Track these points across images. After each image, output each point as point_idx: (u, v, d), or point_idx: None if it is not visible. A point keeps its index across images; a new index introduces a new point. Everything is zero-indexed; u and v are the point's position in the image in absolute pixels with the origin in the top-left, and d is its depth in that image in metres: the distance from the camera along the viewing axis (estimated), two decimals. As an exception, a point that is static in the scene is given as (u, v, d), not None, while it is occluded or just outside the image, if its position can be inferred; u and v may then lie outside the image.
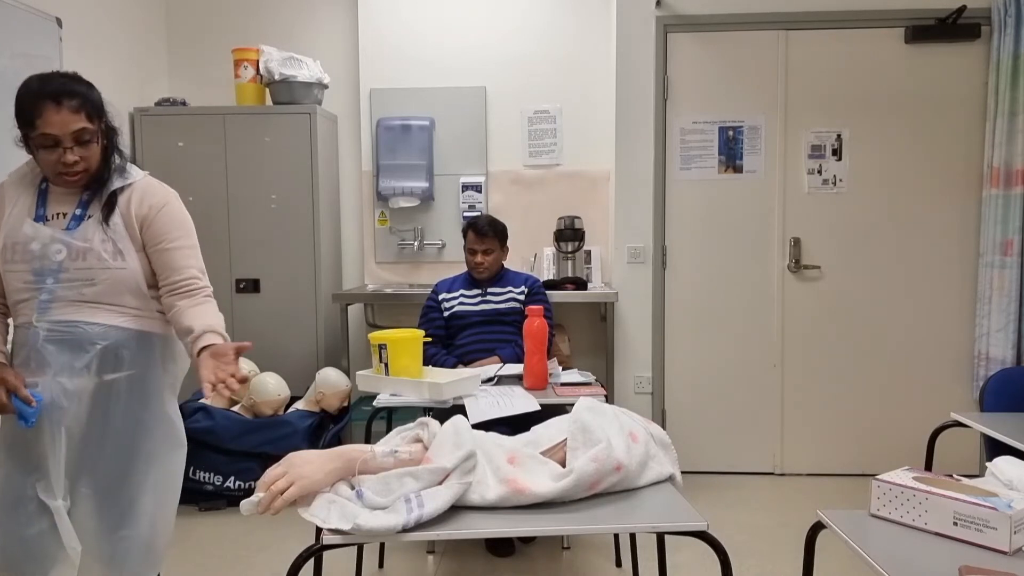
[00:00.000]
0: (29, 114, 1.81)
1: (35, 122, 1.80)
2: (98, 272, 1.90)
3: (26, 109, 1.82)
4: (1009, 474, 1.64)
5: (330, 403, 3.75)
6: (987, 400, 2.69)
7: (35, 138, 1.82)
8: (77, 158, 1.84)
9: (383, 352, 2.70)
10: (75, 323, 1.88)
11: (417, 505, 1.55)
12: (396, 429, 1.90)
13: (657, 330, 4.03)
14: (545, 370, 2.82)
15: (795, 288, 3.99)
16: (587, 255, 4.23)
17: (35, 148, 1.85)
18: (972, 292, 3.91)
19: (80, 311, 1.89)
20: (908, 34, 3.86)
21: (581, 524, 1.64)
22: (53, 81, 1.85)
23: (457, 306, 3.32)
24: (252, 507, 1.57)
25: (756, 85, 3.94)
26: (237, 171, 4.02)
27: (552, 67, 4.30)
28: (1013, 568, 1.35)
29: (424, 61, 4.31)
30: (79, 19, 3.57)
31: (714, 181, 3.98)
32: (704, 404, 4.06)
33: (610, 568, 2.99)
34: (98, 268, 1.90)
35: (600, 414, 1.83)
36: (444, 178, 4.33)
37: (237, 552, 3.10)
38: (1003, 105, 3.69)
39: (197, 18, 4.43)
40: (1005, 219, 3.70)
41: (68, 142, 1.82)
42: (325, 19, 4.42)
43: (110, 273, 1.91)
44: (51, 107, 1.80)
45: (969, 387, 3.92)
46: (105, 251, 1.89)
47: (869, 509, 1.62)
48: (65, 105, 1.81)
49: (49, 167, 1.86)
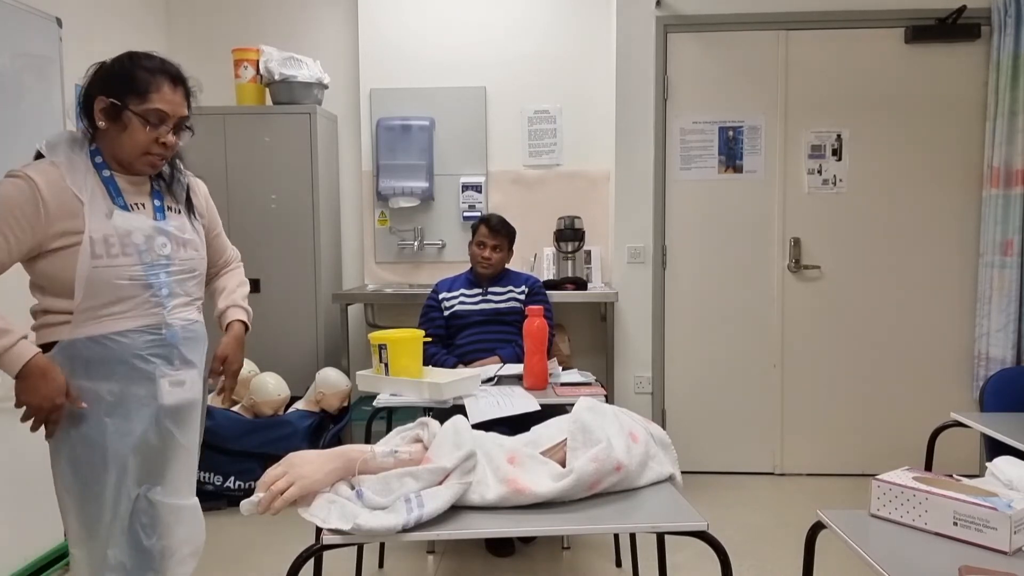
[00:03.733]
0: (144, 86, 1.74)
1: (150, 95, 1.74)
2: (198, 263, 1.92)
3: (142, 80, 1.74)
4: (1009, 474, 1.64)
5: (330, 403, 3.75)
6: (987, 400, 2.69)
7: (141, 111, 1.73)
8: (174, 142, 1.81)
9: (383, 352, 2.70)
10: (193, 320, 1.90)
11: (417, 505, 1.55)
12: (396, 429, 1.91)
13: (657, 330, 4.03)
14: (545, 370, 2.82)
15: (795, 288, 3.99)
16: (587, 255, 4.23)
17: (127, 122, 1.74)
18: (972, 292, 3.91)
19: (188, 305, 1.90)
20: (908, 34, 3.86)
21: (581, 524, 1.64)
22: (169, 62, 1.81)
23: (457, 306, 3.32)
24: (252, 507, 1.57)
25: (756, 85, 3.94)
26: (237, 171, 4.02)
27: (552, 67, 4.30)
28: (1013, 568, 1.35)
29: (424, 61, 4.31)
30: (79, 19, 3.56)
31: (714, 181, 3.98)
32: (704, 404, 4.06)
33: (610, 568, 2.99)
34: (198, 259, 1.91)
35: (600, 414, 1.83)
36: (444, 178, 4.33)
37: (237, 552, 3.10)
38: (1003, 105, 3.69)
39: (197, 18, 4.43)
40: (1005, 219, 3.70)
41: (170, 124, 1.78)
42: (325, 19, 4.42)
43: (202, 264, 1.94)
44: (169, 85, 1.77)
45: (969, 387, 3.91)
46: (199, 243, 1.93)
47: (869, 509, 1.62)
48: (179, 88, 1.79)
49: (139, 146, 1.76)
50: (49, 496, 1.80)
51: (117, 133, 1.76)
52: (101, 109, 1.75)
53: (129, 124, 1.74)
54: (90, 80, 1.79)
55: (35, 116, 3.26)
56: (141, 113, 1.74)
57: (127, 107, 1.73)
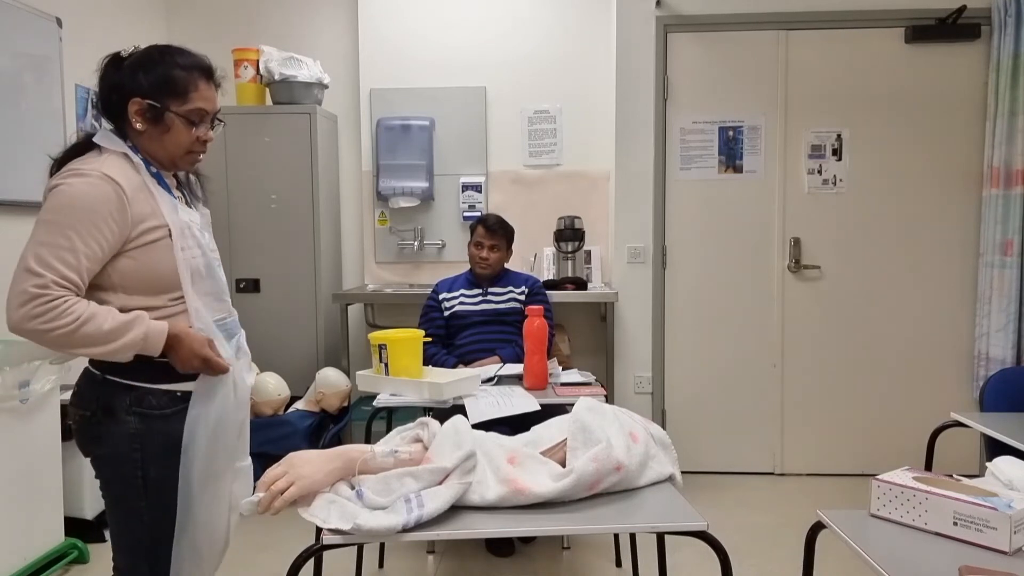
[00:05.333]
0: (184, 86, 1.69)
1: (190, 95, 1.69)
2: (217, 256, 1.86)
3: (180, 80, 1.69)
4: (1009, 474, 1.64)
5: (330, 403, 3.75)
6: (987, 400, 2.69)
7: (184, 112, 1.69)
8: (212, 137, 1.77)
9: (383, 352, 2.70)
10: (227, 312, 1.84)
11: (417, 505, 1.55)
12: (396, 429, 1.91)
13: (657, 330, 4.03)
14: (545, 370, 2.82)
15: (795, 288, 3.99)
16: (587, 255, 4.23)
17: (170, 124, 1.69)
18: (972, 292, 3.90)
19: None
20: (908, 34, 3.86)
21: (581, 524, 1.64)
22: (200, 57, 1.75)
23: (457, 306, 3.32)
24: (252, 507, 1.57)
25: (756, 85, 3.94)
26: (237, 171, 4.02)
27: (552, 67, 4.30)
28: (1013, 568, 1.35)
29: (424, 61, 4.31)
30: (79, 19, 3.56)
31: (714, 181, 3.98)
32: (704, 404, 4.06)
33: (610, 568, 2.99)
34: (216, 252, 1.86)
35: (600, 414, 1.83)
36: (444, 178, 4.33)
37: (237, 552, 3.09)
38: (1003, 105, 3.69)
39: (197, 18, 4.43)
40: (1005, 219, 3.70)
41: (209, 121, 1.75)
42: (325, 19, 4.41)
43: None
44: (205, 81, 1.73)
45: (969, 387, 3.91)
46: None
47: (869, 509, 1.62)
48: (213, 83, 1.76)
49: (182, 145, 1.72)
50: (49, 496, 1.78)
51: (159, 134, 1.69)
52: (138, 111, 1.68)
53: (172, 126, 1.69)
54: (112, 76, 1.71)
55: (35, 116, 3.27)
56: (184, 114, 1.69)
57: (168, 109, 1.68)
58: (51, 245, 1.54)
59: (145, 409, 1.67)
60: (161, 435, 1.67)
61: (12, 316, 1.52)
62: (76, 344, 1.55)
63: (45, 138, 3.23)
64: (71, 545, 2.94)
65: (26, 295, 1.51)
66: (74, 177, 1.59)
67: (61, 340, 1.53)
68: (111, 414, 1.66)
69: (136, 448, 1.67)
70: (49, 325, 1.51)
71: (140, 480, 1.68)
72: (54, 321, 1.51)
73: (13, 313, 1.52)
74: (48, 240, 1.54)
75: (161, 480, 1.68)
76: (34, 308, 1.50)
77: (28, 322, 1.51)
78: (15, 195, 3.09)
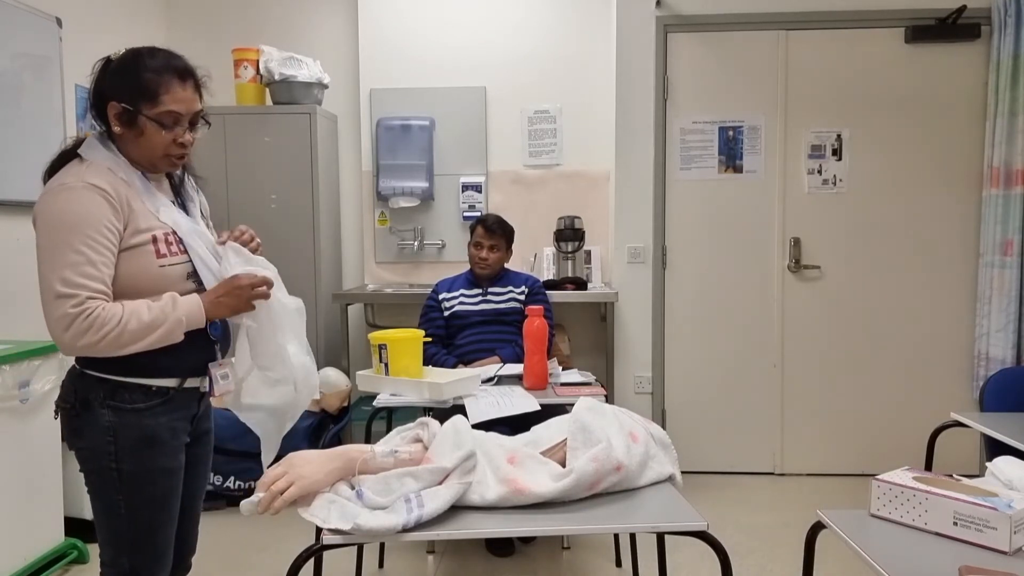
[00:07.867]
0: (154, 88, 1.66)
1: (160, 97, 1.66)
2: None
3: (150, 83, 1.66)
4: (1009, 474, 1.64)
5: (330, 403, 3.75)
6: (987, 400, 2.69)
7: (155, 115, 1.67)
8: (192, 139, 1.74)
9: (383, 352, 2.70)
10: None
11: (417, 505, 1.55)
12: (396, 429, 1.91)
13: (657, 330, 4.03)
14: (545, 370, 2.82)
15: (795, 288, 3.99)
16: (587, 255, 4.23)
17: (143, 127, 1.67)
18: (972, 292, 3.91)
19: None
20: (908, 34, 3.86)
21: (581, 524, 1.64)
22: (176, 57, 1.72)
23: (457, 306, 3.32)
24: (252, 507, 1.57)
25: (756, 85, 3.94)
26: (237, 171, 4.02)
27: (552, 67, 4.30)
28: (1013, 568, 1.35)
29: (424, 61, 4.31)
30: (79, 19, 3.56)
31: (714, 181, 3.98)
32: (704, 404, 4.06)
33: (610, 568, 2.99)
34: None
35: (600, 414, 1.83)
36: (444, 178, 4.33)
37: (237, 552, 3.10)
38: (1003, 105, 3.69)
39: (197, 18, 4.43)
40: (1005, 219, 3.70)
41: (186, 123, 1.72)
42: (325, 19, 4.42)
43: None
44: (178, 83, 1.69)
45: (969, 387, 3.91)
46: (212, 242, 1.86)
47: (869, 509, 1.62)
48: (189, 82, 1.72)
49: (158, 149, 1.70)
50: (49, 496, 1.78)
51: (134, 137, 1.70)
52: (115, 115, 1.68)
53: (145, 129, 1.69)
54: (98, 80, 1.71)
55: (35, 116, 3.27)
56: (155, 117, 1.68)
57: (140, 112, 1.67)
58: (69, 265, 1.57)
59: (118, 403, 1.67)
60: (135, 429, 1.68)
61: (62, 341, 1.58)
62: (127, 343, 1.60)
63: (45, 138, 3.23)
64: (71, 545, 2.94)
65: (68, 318, 1.56)
66: (61, 193, 1.61)
67: (113, 344, 1.59)
68: (88, 407, 1.68)
69: (110, 441, 1.67)
70: (97, 336, 1.57)
71: (115, 473, 1.68)
72: (100, 331, 1.57)
73: (61, 338, 1.57)
74: (64, 261, 1.57)
75: (135, 474, 1.69)
76: (79, 326, 1.56)
77: (78, 340, 1.57)
78: (15, 195, 3.09)
